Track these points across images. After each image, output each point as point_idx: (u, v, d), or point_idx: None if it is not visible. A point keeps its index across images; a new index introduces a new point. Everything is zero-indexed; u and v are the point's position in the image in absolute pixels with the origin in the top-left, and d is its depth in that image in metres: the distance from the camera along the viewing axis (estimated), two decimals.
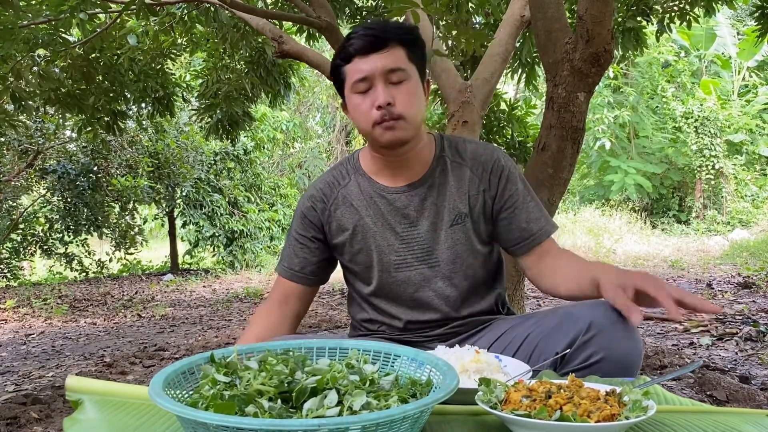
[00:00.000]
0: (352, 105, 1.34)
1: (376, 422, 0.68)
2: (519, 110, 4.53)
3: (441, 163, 1.41)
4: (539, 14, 2.46)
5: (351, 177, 1.44)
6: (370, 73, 1.28)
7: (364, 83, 1.29)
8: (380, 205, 1.39)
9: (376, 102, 1.28)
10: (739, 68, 14.53)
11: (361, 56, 1.29)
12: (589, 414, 0.81)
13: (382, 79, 1.28)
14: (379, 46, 1.28)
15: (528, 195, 1.42)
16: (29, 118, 6.53)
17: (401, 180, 1.40)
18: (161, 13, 3.93)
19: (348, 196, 1.42)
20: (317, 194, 1.44)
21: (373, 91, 1.29)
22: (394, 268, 1.39)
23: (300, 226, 1.46)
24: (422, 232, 1.38)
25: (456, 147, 1.43)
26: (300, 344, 0.99)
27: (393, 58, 1.29)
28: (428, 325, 1.40)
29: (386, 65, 1.28)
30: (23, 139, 7.73)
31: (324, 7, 3.05)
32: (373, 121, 1.30)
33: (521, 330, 1.30)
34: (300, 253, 1.45)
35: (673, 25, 4.20)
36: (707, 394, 2.43)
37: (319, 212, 1.43)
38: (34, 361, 4.11)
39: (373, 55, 1.28)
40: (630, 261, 9.01)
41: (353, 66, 1.30)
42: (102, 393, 0.94)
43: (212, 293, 7.78)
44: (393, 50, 1.29)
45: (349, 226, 1.41)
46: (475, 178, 1.40)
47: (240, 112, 5.06)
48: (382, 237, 1.39)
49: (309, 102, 15.35)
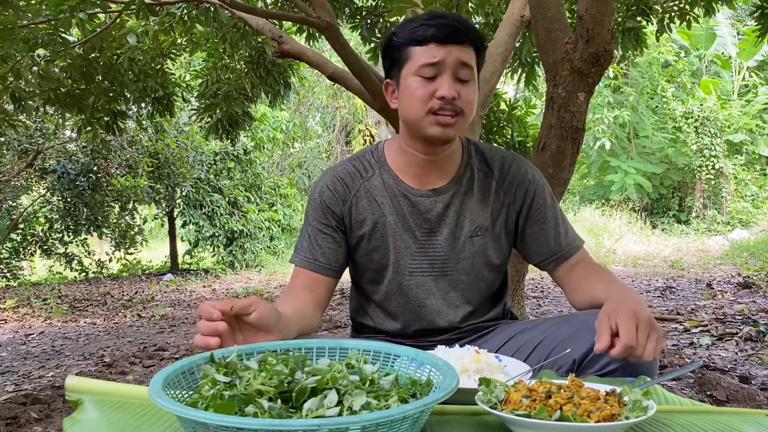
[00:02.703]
0: (408, 87, 1.27)
1: (376, 422, 0.68)
2: (519, 110, 4.53)
3: (468, 170, 1.37)
4: (539, 14, 2.46)
5: (375, 171, 1.38)
6: (443, 62, 1.24)
7: (433, 69, 1.25)
8: (403, 205, 1.35)
9: (440, 92, 1.24)
10: (739, 68, 14.54)
11: (438, 42, 1.24)
12: (589, 414, 0.81)
13: (451, 71, 1.25)
14: (459, 39, 1.25)
15: (556, 210, 1.39)
16: (29, 117, 6.53)
17: (427, 182, 1.36)
18: (161, 13, 3.93)
19: (371, 190, 1.37)
20: (338, 183, 1.37)
21: (439, 80, 1.25)
22: (408, 272, 1.36)
23: (320, 215, 1.38)
24: (441, 240, 1.35)
25: (483, 155, 1.40)
26: (300, 344, 0.98)
27: (468, 55, 1.26)
28: (433, 333, 1.38)
29: (461, 58, 1.25)
30: (23, 138, 7.73)
31: (324, 7, 3.04)
32: (430, 108, 1.25)
33: (533, 335, 1.28)
34: (324, 243, 1.37)
35: (673, 25, 4.20)
36: (707, 394, 2.43)
37: (340, 201, 1.37)
38: (34, 361, 4.11)
39: (450, 46, 1.25)
40: (630, 261, 9.01)
41: (426, 49, 1.25)
42: (102, 393, 0.93)
43: (212, 293, 7.78)
44: (468, 48, 1.26)
45: (370, 221, 1.36)
46: (501, 191, 1.37)
47: (240, 112, 5.06)
48: (401, 239, 1.35)
49: (309, 102, 15.35)
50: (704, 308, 4.71)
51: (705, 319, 4.18)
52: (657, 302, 5.33)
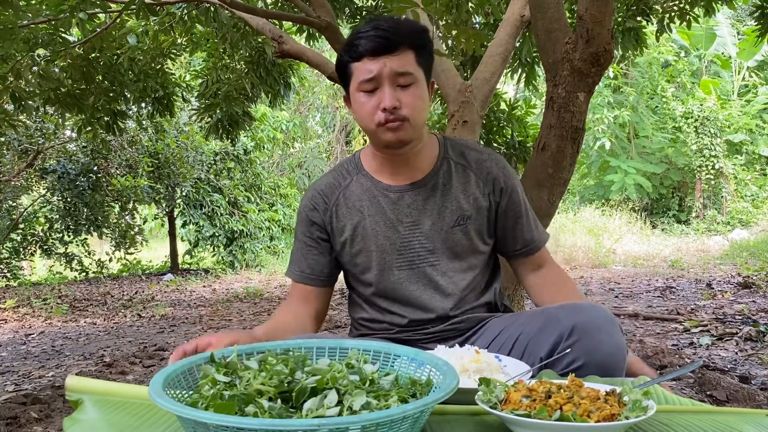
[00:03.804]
0: (357, 102, 1.33)
1: (376, 422, 0.68)
2: (519, 110, 4.53)
3: (445, 164, 1.42)
4: (539, 14, 2.46)
5: (352, 177, 1.44)
6: (379, 75, 1.28)
7: (371, 83, 1.29)
8: (383, 203, 1.40)
9: (382, 104, 1.28)
10: (739, 68, 14.53)
11: (370, 57, 1.28)
12: (589, 414, 0.81)
13: (389, 81, 1.28)
14: (390, 48, 1.27)
15: (526, 205, 1.46)
16: (29, 117, 6.53)
17: (403, 179, 1.40)
18: (161, 13, 3.93)
19: (349, 197, 1.42)
20: (318, 196, 1.45)
21: (380, 92, 1.29)
22: (395, 267, 1.39)
23: (305, 228, 1.46)
24: (424, 231, 1.39)
25: (460, 151, 1.44)
26: (300, 344, 0.99)
27: (403, 61, 1.28)
28: (429, 323, 1.40)
29: (395, 69, 1.28)
30: (23, 138, 7.73)
31: (324, 7, 3.04)
32: (378, 122, 1.30)
33: (513, 330, 1.31)
34: (309, 256, 1.46)
35: (673, 25, 4.19)
36: (707, 394, 2.43)
37: (321, 213, 1.44)
38: (34, 361, 4.11)
39: (383, 57, 1.28)
40: (630, 261, 9.01)
41: (362, 65, 1.29)
42: (102, 393, 0.94)
43: (212, 293, 7.78)
44: (403, 53, 1.29)
45: (350, 227, 1.41)
46: (480, 181, 1.41)
47: (240, 112, 5.06)
48: (384, 236, 1.39)
49: (309, 102, 15.35)
50: (704, 308, 4.71)
51: (705, 319, 4.18)
52: (657, 302, 5.33)
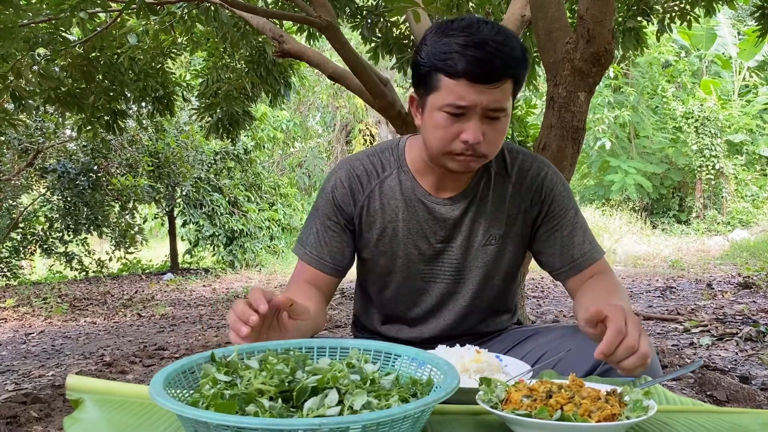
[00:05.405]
0: (433, 120, 1.18)
1: (377, 422, 0.68)
2: (519, 110, 4.53)
3: (486, 174, 1.31)
4: (540, 14, 2.46)
5: (393, 170, 1.32)
6: (472, 107, 1.13)
7: (460, 110, 1.14)
8: (419, 210, 1.30)
9: (464, 136, 1.15)
10: (740, 68, 14.53)
11: (469, 80, 1.11)
12: (589, 414, 0.81)
13: (480, 114, 1.15)
14: (493, 79, 1.12)
15: (576, 218, 1.32)
16: (29, 117, 6.53)
17: (445, 190, 1.30)
18: (161, 12, 3.93)
19: (386, 192, 1.31)
20: (354, 180, 1.31)
21: (465, 121, 1.15)
22: (420, 278, 1.33)
23: (330, 210, 1.32)
24: (455, 248, 1.31)
25: (503, 157, 1.33)
26: (300, 344, 0.99)
27: (500, 95, 1.14)
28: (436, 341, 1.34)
29: (491, 104, 1.14)
30: (23, 138, 7.73)
31: (324, 7, 3.04)
32: (453, 150, 1.18)
33: (537, 346, 1.26)
34: (331, 242, 1.32)
35: (674, 25, 4.20)
36: (707, 394, 2.43)
37: (353, 199, 1.31)
38: (34, 360, 4.11)
39: (482, 86, 1.12)
40: (630, 261, 9.01)
41: (455, 86, 1.12)
42: (102, 392, 0.93)
43: (212, 293, 7.78)
44: (503, 86, 1.14)
45: (379, 226, 1.31)
46: (518, 196, 1.31)
47: (240, 112, 5.07)
48: (414, 245, 1.31)
49: (309, 101, 15.35)
50: (704, 308, 4.71)
51: (705, 319, 4.18)
52: (657, 302, 5.33)
